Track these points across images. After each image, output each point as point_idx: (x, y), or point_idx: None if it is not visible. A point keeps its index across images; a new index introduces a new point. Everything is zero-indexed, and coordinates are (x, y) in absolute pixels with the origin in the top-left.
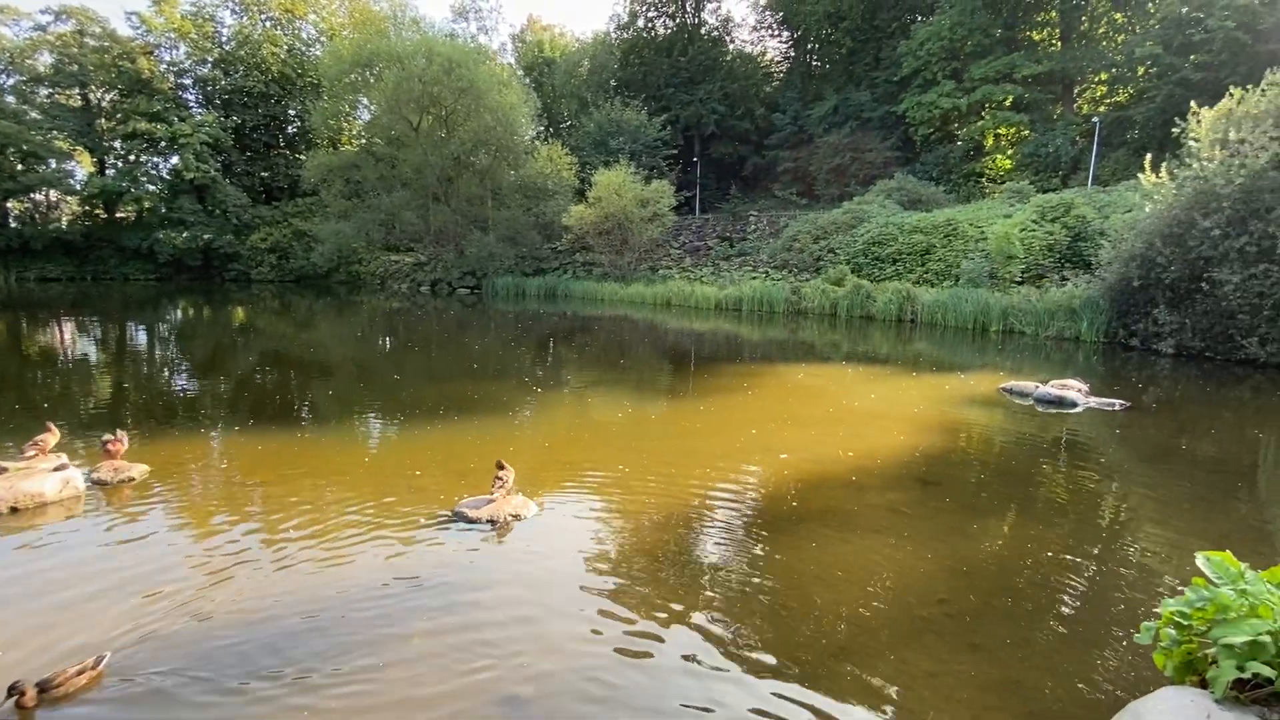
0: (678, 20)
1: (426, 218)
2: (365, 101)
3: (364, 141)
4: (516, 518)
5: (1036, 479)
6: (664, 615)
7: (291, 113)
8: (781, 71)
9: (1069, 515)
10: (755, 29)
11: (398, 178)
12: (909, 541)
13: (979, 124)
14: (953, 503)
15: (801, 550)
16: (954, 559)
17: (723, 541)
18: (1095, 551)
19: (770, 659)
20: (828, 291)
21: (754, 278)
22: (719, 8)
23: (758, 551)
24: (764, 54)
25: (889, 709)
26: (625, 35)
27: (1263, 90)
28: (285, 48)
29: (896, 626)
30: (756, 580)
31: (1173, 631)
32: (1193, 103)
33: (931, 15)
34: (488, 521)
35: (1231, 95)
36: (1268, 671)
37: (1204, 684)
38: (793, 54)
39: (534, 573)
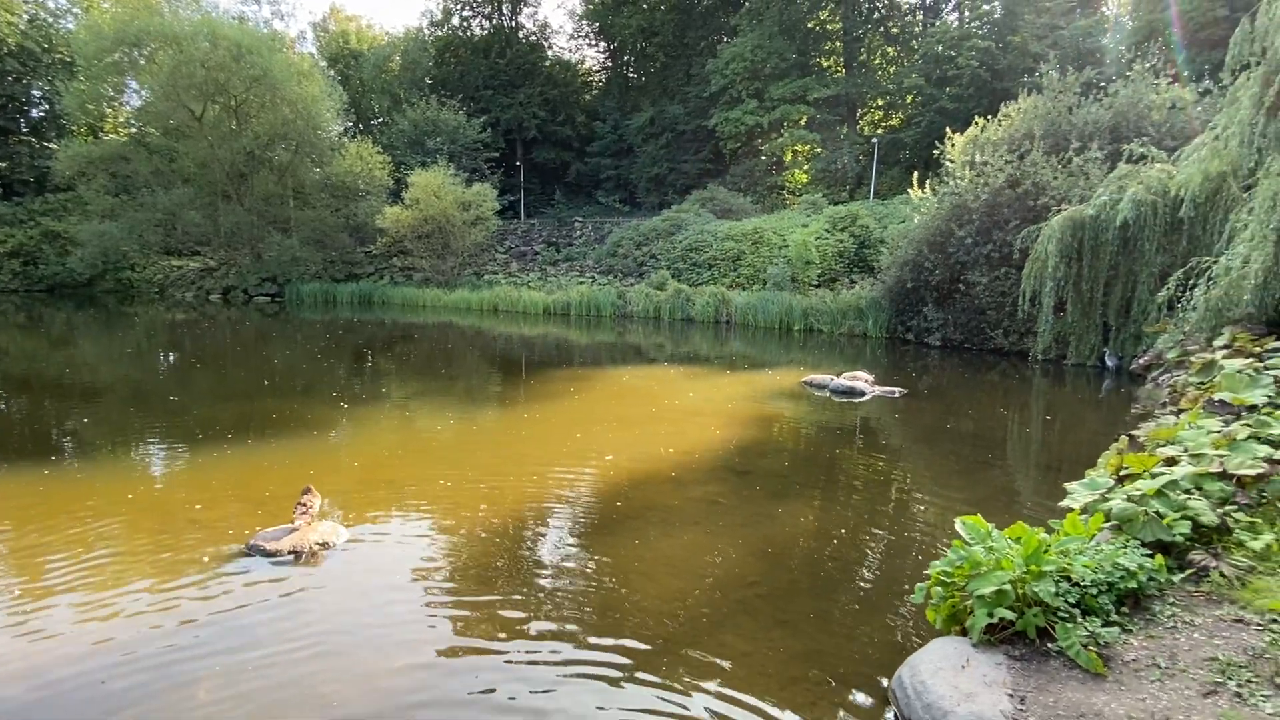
0: (494, 22)
1: (215, 218)
2: (135, 85)
3: (134, 130)
4: (324, 546)
5: (833, 463)
6: (490, 628)
7: (37, 93)
8: (601, 81)
9: (861, 493)
10: (573, 37)
11: (178, 173)
12: (724, 530)
13: (779, 140)
14: (762, 490)
15: (627, 548)
16: (763, 543)
17: (552, 547)
18: (884, 524)
19: (600, 656)
20: (651, 296)
21: (581, 283)
22: (536, 13)
23: (586, 554)
24: (583, 63)
25: (709, 690)
26: (440, 33)
27: (999, 121)
28: (25, 17)
29: (714, 611)
30: (585, 581)
31: (939, 589)
32: (948, 129)
33: (735, 37)
34: (290, 553)
35: (977, 124)
36: (1010, 615)
37: (965, 632)
38: (610, 64)
39: (344, 603)
